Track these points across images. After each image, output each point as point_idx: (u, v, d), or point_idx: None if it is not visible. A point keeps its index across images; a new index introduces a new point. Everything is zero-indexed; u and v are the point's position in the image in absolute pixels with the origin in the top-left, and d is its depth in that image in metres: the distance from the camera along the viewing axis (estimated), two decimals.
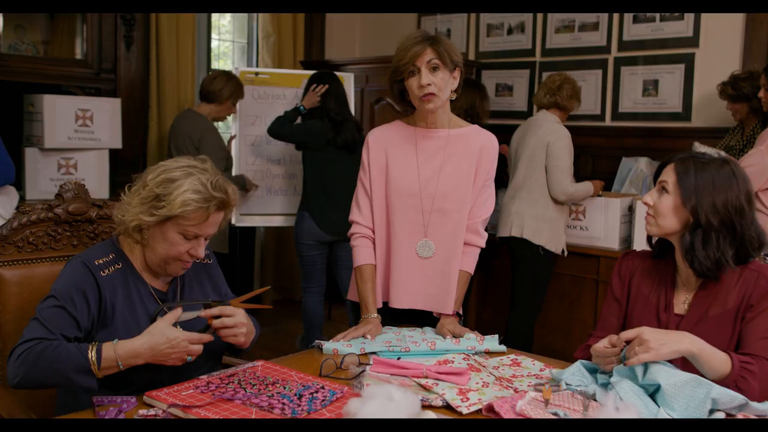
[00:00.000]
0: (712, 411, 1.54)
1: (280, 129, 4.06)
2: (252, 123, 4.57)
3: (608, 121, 4.74)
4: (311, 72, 4.36)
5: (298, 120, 4.10)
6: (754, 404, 1.55)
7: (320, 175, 4.02)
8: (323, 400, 1.61)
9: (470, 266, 2.34)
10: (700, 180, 1.78)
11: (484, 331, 2.26)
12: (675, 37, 4.44)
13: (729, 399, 1.54)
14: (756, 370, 1.66)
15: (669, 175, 1.84)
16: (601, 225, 3.99)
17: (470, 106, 4.01)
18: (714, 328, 1.78)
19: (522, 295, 3.89)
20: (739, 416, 1.45)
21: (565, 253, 3.88)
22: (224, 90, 4.18)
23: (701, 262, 1.77)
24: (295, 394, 1.64)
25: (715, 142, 3.95)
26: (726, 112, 3.96)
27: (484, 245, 2.36)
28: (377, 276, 2.32)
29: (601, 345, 1.72)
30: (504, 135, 4.00)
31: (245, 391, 1.66)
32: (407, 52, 2.13)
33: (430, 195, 2.26)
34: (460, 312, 2.33)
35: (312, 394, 1.64)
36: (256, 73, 4.60)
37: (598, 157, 4.72)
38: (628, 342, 1.67)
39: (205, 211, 1.74)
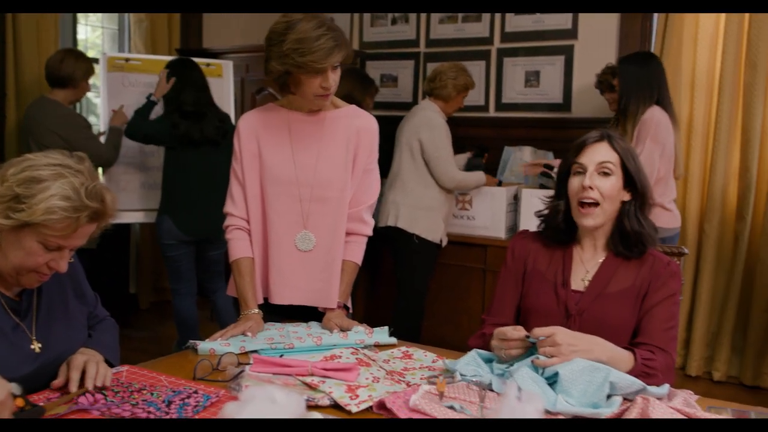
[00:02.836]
0: (610, 396, 1.49)
1: (136, 129, 3.76)
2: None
3: (492, 112, 4.76)
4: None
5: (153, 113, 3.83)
6: (652, 388, 1.52)
7: (179, 172, 3.76)
8: (195, 406, 1.43)
9: (357, 256, 2.21)
10: (637, 158, 1.79)
11: (373, 324, 2.14)
12: (555, 29, 4.50)
13: (627, 384, 1.50)
14: (657, 365, 1.66)
15: (609, 155, 1.78)
16: (488, 214, 3.98)
17: (347, 93, 3.89)
18: (613, 304, 1.77)
19: (404, 286, 3.81)
20: (638, 399, 1.40)
21: (444, 242, 3.83)
22: (77, 71, 3.83)
23: (648, 241, 1.78)
24: (164, 401, 1.45)
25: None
26: (604, 103, 4.04)
27: (370, 233, 2.24)
28: (256, 271, 2.15)
29: (509, 328, 1.65)
30: (389, 126, 3.91)
31: (106, 399, 1.46)
32: (322, 59, 1.93)
33: (309, 183, 2.11)
34: (348, 305, 2.20)
35: (183, 400, 1.47)
36: (126, 59, 4.29)
37: (483, 148, 4.72)
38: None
39: (74, 221, 1.47)
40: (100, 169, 4.09)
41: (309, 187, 2.12)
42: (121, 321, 1.91)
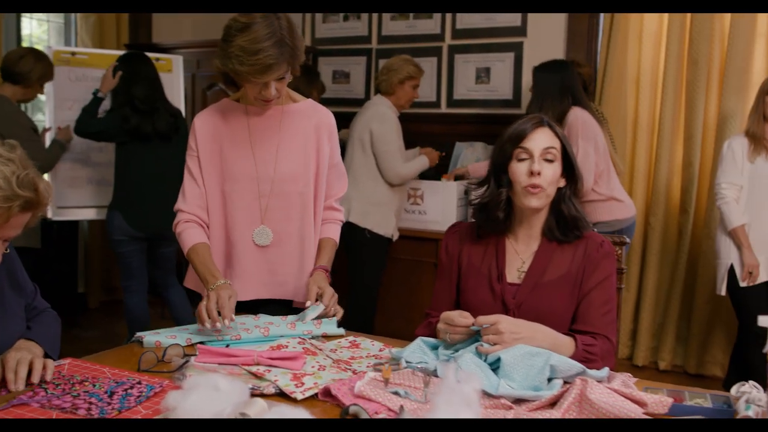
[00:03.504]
0: (551, 379, 1.53)
1: (86, 127, 3.71)
2: (69, 108, 4.16)
3: (444, 108, 4.79)
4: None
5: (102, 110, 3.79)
6: (592, 372, 1.55)
7: (129, 167, 3.72)
8: (138, 396, 1.42)
9: (334, 234, 2.24)
10: (571, 145, 1.83)
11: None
12: (505, 26, 4.56)
13: (567, 367, 1.53)
14: (597, 351, 1.69)
15: (553, 141, 1.79)
16: (439, 209, 4.02)
17: (293, 88, 3.87)
18: (550, 294, 1.78)
19: (356, 281, 3.82)
20: (577, 380, 1.44)
21: (395, 237, 3.85)
22: (33, 72, 3.76)
23: (583, 226, 1.81)
24: (106, 392, 1.44)
25: None
26: None
27: (344, 219, 2.31)
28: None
29: (456, 314, 1.68)
30: (342, 122, 3.91)
31: (46, 392, 1.44)
32: (257, 74, 1.89)
33: (269, 178, 2.09)
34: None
35: (126, 390, 1.45)
36: (73, 53, 4.21)
37: (435, 144, 4.73)
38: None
39: (6, 211, 1.43)
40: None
41: (269, 182, 2.10)
42: (69, 321, 1.87)
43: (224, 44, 1.93)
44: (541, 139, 1.79)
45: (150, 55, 4.09)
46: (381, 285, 3.91)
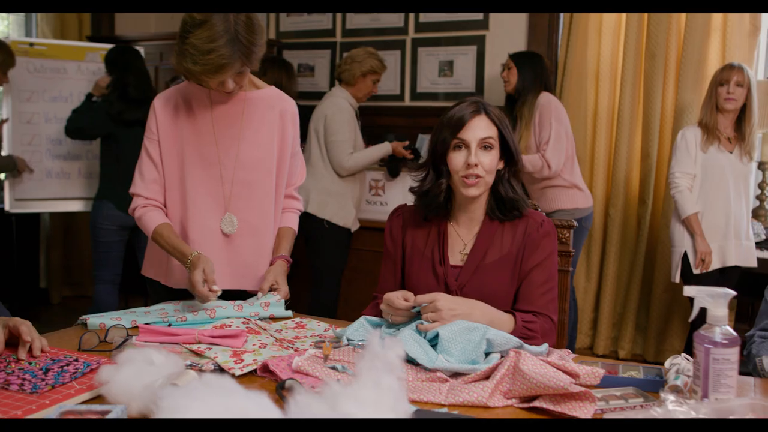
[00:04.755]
0: (488, 353, 1.55)
1: (74, 124, 3.77)
2: (27, 99, 4.14)
3: (407, 101, 4.81)
4: (96, 45, 4.04)
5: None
6: (529, 347, 1.58)
7: (113, 155, 3.76)
8: (74, 373, 1.42)
9: (293, 224, 2.25)
10: (509, 126, 1.82)
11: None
12: (467, 20, 4.60)
13: (504, 341, 1.55)
14: (537, 328, 1.72)
15: (490, 130, 1.77)
16: (400, 200, 4.03)
17: (275, 83, 3.91)
18: (492, 274, 1.80)
19: (316, 272, 3.82)
20: (511, 352, 1.46)
21: (354, 228, 3.86)
22: None
23: (521, 206, 1.81)
24: (41, 369, 1.43)
25: None
26: None
27: (302, 208, 2.32)
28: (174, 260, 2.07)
29: (398, 297, 1.70)
30: (306, 115, 3.91)
31: None
32: (209, 73, 1.86)
33: (231, 164, 2.06)
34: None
35: (62, 367, 1.45)
36: (31, 44, 4.17)
37: (399, 137, 4.77)
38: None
39: None
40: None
41: (231, 168, 2.07)
42: (30, 316, 1.83)
43: (179, 41, 1.89)
44: (479, 129, 1.77)
45: (110, 47, 4.09)
46: (343, 275, 3.92)
